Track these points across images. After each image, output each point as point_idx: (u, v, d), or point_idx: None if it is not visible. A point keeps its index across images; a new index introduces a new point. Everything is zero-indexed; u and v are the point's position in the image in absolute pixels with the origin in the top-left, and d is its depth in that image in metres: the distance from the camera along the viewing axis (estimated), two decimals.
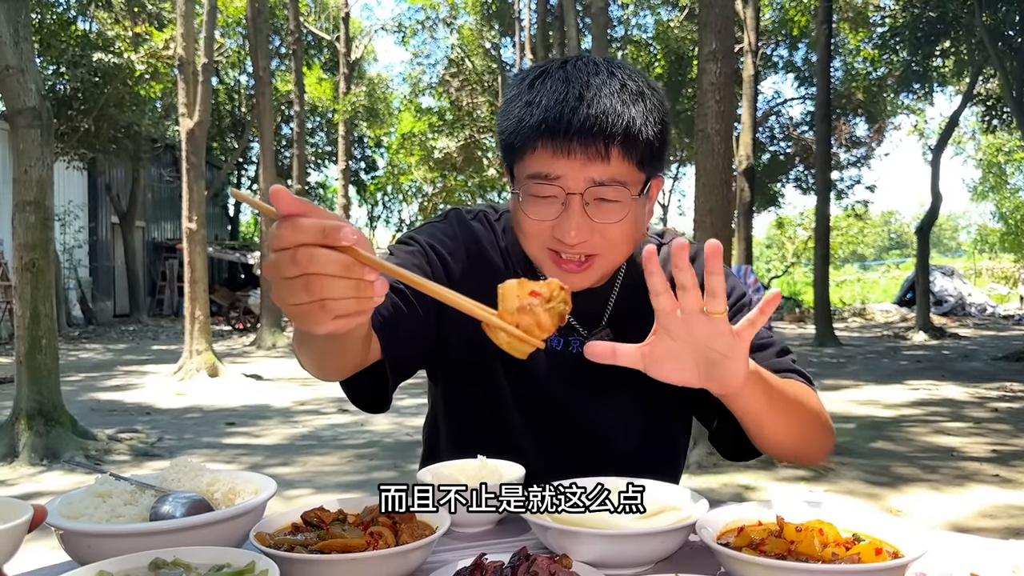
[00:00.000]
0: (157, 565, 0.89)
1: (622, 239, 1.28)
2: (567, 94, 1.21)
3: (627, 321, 1.40)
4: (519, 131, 1.25)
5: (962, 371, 12.13)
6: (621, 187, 1.23)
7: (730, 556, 0.90)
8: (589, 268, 1.29)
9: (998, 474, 6.06)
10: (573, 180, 1.22)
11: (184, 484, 1.10)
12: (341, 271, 0.80)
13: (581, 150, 1.20)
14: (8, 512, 0.92)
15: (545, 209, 1.25)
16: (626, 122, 1.20)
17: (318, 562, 0.91)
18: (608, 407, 1.41)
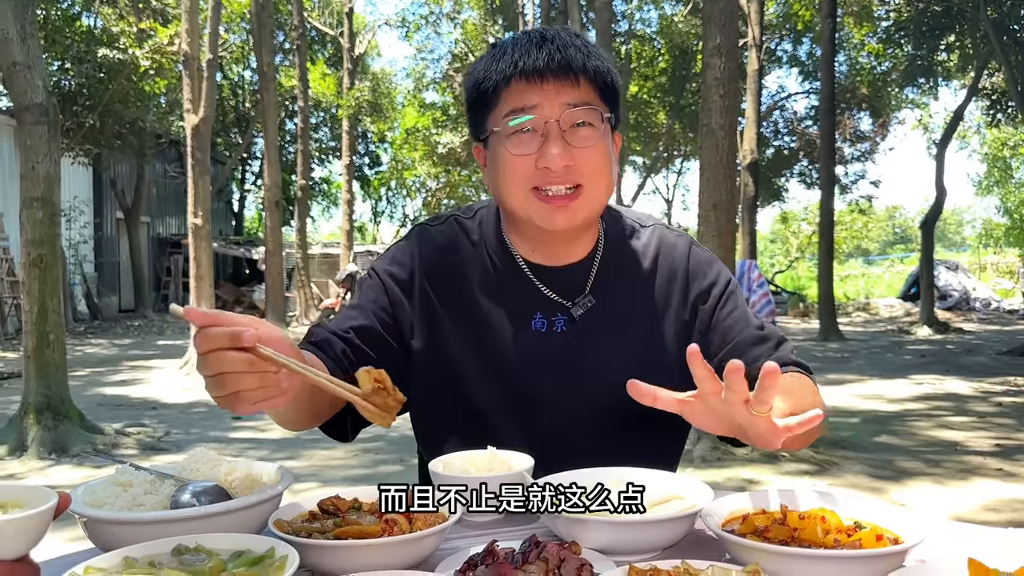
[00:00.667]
0: (180, 551, 0.92)
1: (601, 165, 1.35)
2: (530, 39, 1.34)
3: (609, 291, 1.47)
4: (490, 77, 1.35)
5: (966, 366, 12.13)
6: (593, 109, 1.34)
7: (735, 542, 0.92)
8: (577, 199, 1.34)
9: (1001, 468, 6.08)
10: (549, 107, 1.32)
11: (203, 474, 1.13)
12: (246, 367, 0.96)
13: (553, 77, 1.31)
14: (33, 499, 0.95)
15: (526, 143, 1.33)
16: (585, 53, 1.33)
17: (335, 548, 0.94)
18: (593, 389, 1.44)
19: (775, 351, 1.44)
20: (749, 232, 19.75)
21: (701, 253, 1.54)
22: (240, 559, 0.90)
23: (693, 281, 1.50)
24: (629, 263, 1.50)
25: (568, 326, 1.44)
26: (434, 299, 1.46)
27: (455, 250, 1.50)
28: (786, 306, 24.58)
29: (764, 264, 39.50)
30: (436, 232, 1.53)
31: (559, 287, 1.46)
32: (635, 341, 1.45)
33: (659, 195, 35.99)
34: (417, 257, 1.49)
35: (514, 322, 1.45)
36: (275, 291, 17.12)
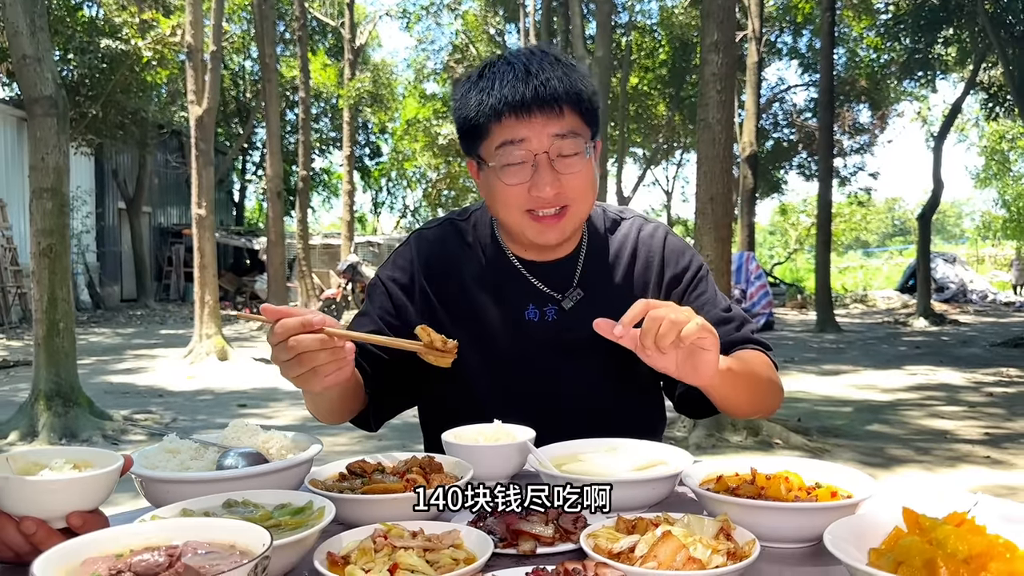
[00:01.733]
0: (230, 504, 1.07)
1: (586, 187, 1.49)
2: (515, 73, 1.44)
3: (595, 282, 1.62)
4: (481, 112, 1.46)
5: (960, 357, 12.29)
6: (578, 137, 1.45)
7: (709, 497, 1.07)
8: (564, 217, 1.49)
9: (989, 456, 6.23)
10: (537, 140, 1.43)
11: (243, 442, 1.28)
12: (320, 345, 1.19)
13: (539, 112, 1.42)
14: (102, 460, 1.09)
15: (518, 173, 1.45)
16: (567, 83, 1.43)
17: (365, 502, 1.09)
18: (583, 369, 1.59)
19: (737, 332, 1.60)
20: (748, 224, 19.89)
21: (675, 241, 1.69)
22: (284, 510, 1.05)
23: (667, 267, 1.65)
24: (612, 254, 1.65)
25: (559, 315, 1.59)
26: (433, 298, 1.62)
27: (451, 251, 1.65)
28: (784, 298, 24.73)
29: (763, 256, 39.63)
30: (432, 236, 1.68)
31: (550, 281, 1.61)
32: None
33: (659, 187, 36.10)
34: (416, 261, 1.65)
35: (509, 313, 1.60)
36: (277, 281, 17.24)
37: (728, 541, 0.96)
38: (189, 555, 0.82)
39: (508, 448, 1.32)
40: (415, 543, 0.95)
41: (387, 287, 1.64)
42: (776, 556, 1.03)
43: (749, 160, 18.98)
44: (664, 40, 25.82)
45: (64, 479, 1.02)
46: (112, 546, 0.85)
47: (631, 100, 26.77)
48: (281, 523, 1.00)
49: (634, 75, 26.54)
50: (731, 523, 1.00)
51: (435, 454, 1.28)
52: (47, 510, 1.01)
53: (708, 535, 0.97)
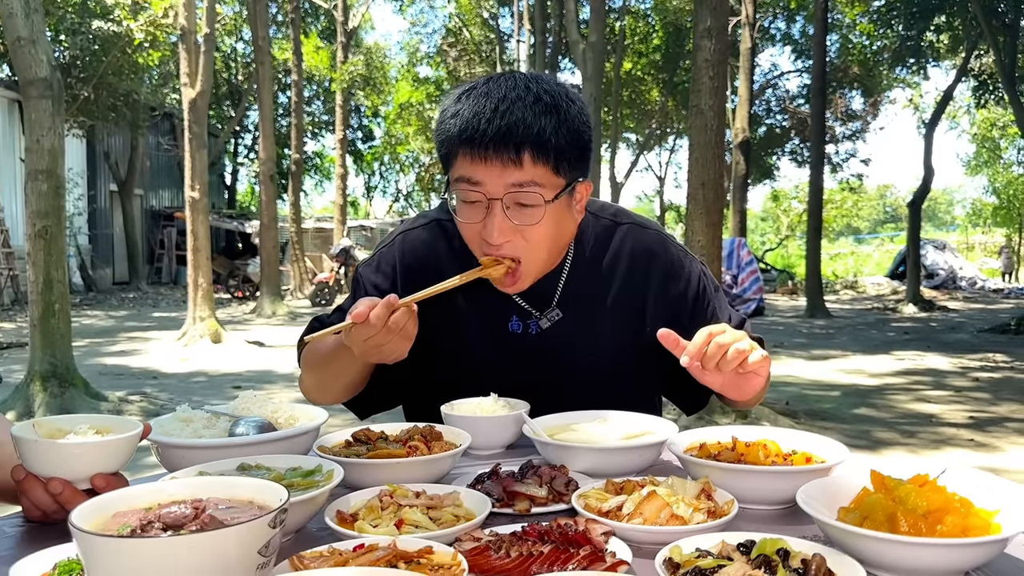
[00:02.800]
0: (244, 468, 1.14)
1: (543, 240, 1.41)
2: (484, 107, 1.34)
3: (575, 301, 1.58)
4: (445, 141, 1.40)
5: (948, 342, 12.43)
6: (536, 191, 1.35)
7: (691, 462, 1.15)
8: (517, 277, 1.44)
9: (973, 439, 6.35)
10: (492, 185, 1.35)
11: (252, 411, 1.34)
12: (407, 317, 1.30)
13: (496, 157, 1.33)
14: (121, 426, 1.16)
15: (473, 212, 1.39)
16: (536, 131, 1.33)
17: (371, 465, 1.16)
18: (567, 386, 1.58)
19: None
20: (739, 210, 19.96)
21: (676, 253, 1.64)
22: (295, 472, 1.12)
23: (670, 283, 1.60)
24: (602, 270, 1.59)
25: (542, 330, 1.58)
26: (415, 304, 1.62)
27: (436, 255, 1.60)
28: (775, 284, 24.87)
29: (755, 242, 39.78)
30: (417, 237, 1.63)
31: (529, 297, 1.56)
32: (604, 347, 1.58)
33: (651, 172, 36.16)
34: (399, 264, 1.61)
35: (492, 324, 1.57)
36: (270, 265, 17.26)
37: (709, 501, 1.04)
38: (211, 509, 0.89)
39: (504, 419, 1.40)
40: (419, 502, 1.02)
41: (368, 292, 1.60)
42: (754, 516, 1.11)
43: (741, 146, 19.04)
44: (658, 25, 25.81)
45: (89, 443, 1.08)
46: (140, 501, 0.92)
47: (624, 85, 26.77)
48: (294, 483, 1.07)
49: (628, 60, 26.54)
50: (712, 485, 1.08)
51: (435, 424, 1.35)
52: (73, 472, 1.08)
53: (690, 495, 1.04)
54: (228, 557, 0.79)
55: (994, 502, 0.95)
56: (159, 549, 0.77)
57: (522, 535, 0.93)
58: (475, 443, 1.33)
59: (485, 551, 0.90)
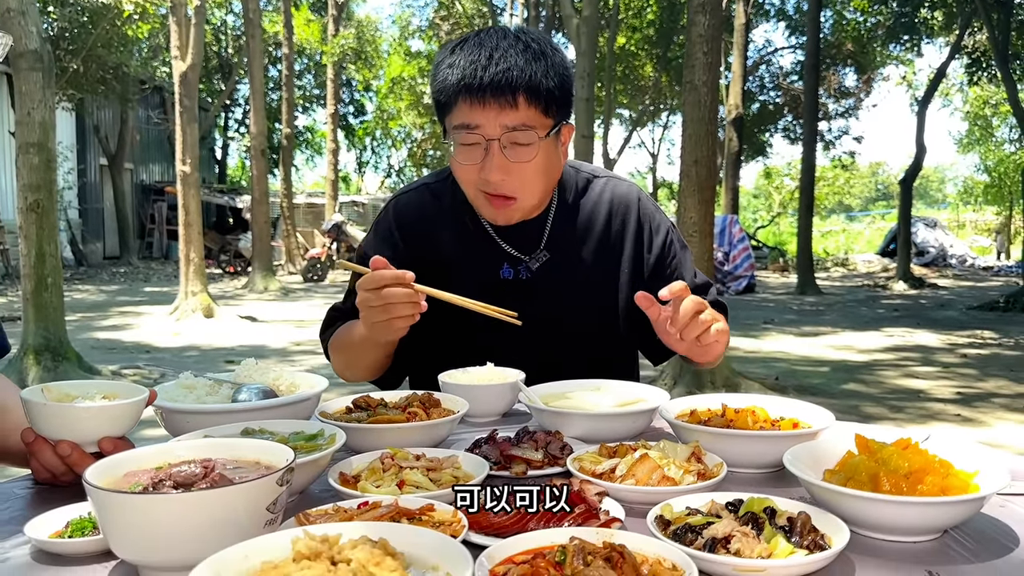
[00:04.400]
0: (248, 432, 1.17)
1: (536, 176, 1.54)
2: (479, 55, 1.47)
3: (561, 245, 1.69)
4: (443, 90, 1.51)
5: (937, 319, 12.53)
6: (530, 130, 1.48)
7: (682, 427, 1.18)
8: (510, 206, 1.56)
9: (960, 414, 6.43)
10: (490, 127, 1.48)
11: (254, 379, 1.38)
12: (407, 298, 1.34)
13: (494, 101, 1.45)
14: (128, 392, 1.18)
15: (471, 154, 1.51)
16: (528, 75, 1.45)
17: (372, 430, 1.20)
18: (557, 326, 1.68)
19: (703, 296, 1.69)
20: (732, 187, 20.00)
21: (649, 203, 1.78)
22: (298, 436, 1.15)
23: (643, 230, 1.74)
24: (583, 215, 1.72)
25: (532, 273, 1.69)
26: (416, 260, 1.66)
27: (427, 214, 1.73)
28: (766, 261, 24.95)
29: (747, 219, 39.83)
30: (408, 200, 1.76)
31: (517, 243, 1.69)
32: (590, 285, 1.71)
33: (644, 149, 36.09)
34: (395, 228, 1.73)
35: (484, 272, 1.68)
36: (262, 240, 17.22)
37: (699, 463, 1.08)
38: (220, 468, 0.93)
39: (501, 387, 1.43)
40: (419, 464, 1.06)
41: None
42: (742, 479, 1.15)
43: (734, 123, 19.04)
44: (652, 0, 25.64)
45: (97, 406, 1.11)
46: (150, 461, 0.95)
47: (618, 60, 26.64)
48: (297, 447, 1.10)
49: (621, 35, 26.37)
50: (702, 449, 1.11)
51: (433, 391, 1.38)
52: (81, 435, 1.11)
53: (681, 458, 1.08)
54: (238, 513, 0.82)
55: (973, 464, 0.99)
56: (171, 505, 0.81)
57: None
58: (472, 410, 1.36)
59: (482, 508, 0.93)
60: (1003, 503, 1.04)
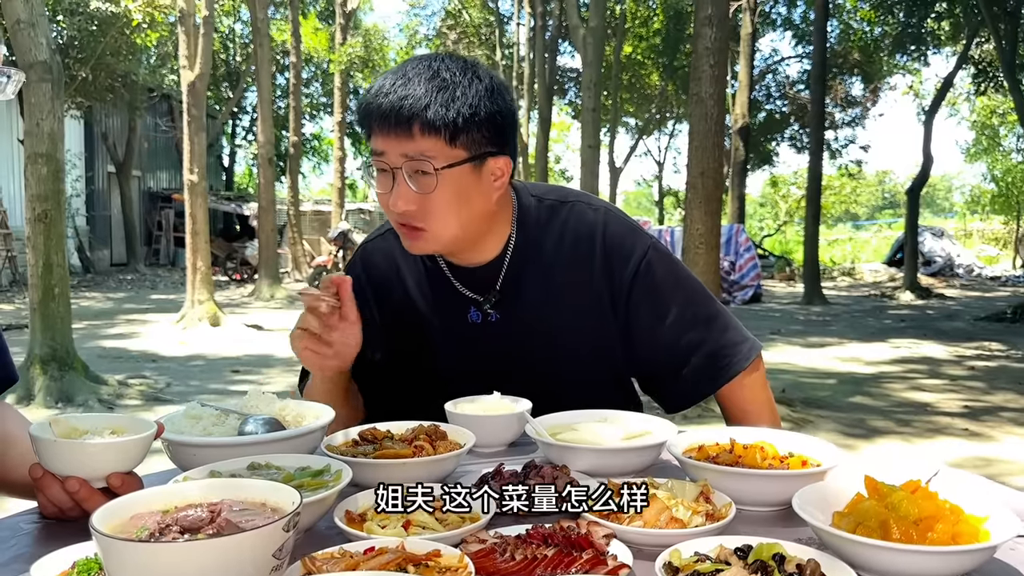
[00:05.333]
0: (254, 467, 1.17)
1: (445, 208, 1.46)
2: (385, 83, 1.46)
3: (517, 284, 1.61)
4: (360, 117, 1.51)
5: (944, 330, 12.48)
6: (427, 161, 1.42)
7: (690, 464, 1.18)
8: (420, 239, 1.51)
9: (967, 428, 6.41)
10: (392, 155, 1.45)
11: (261, 409, 1.37)
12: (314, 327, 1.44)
13: (391, 128, 1.43)
14: (136, 426, 1.18)
15: (384, 182, 1.49)
16: (425, 104, 1.41)
17: (377, 465, 1.19)
18: (534, 368, 1.62)
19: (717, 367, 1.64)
20: (738, 196, 20.00)
21: (618, 226, 1.63)
22: (304, 472, 1.15)
23: (611, 259, 1.61)
24: (545, 249, 1.62)
25: (500, 316, 1.61)
26: (387, 312, 1.68)
27: (394, 263, 1.69)
28: (772, 270, 24.91)
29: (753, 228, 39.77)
30: (375, 250, 1.73)
31: (471, 284, 1.62)
32: (553, 325, 1.62)
33: (651, 157, 36.12)
34: (364, 281, 1.68)
35: (452, 317, 1.63)
36: (268, 248, 17.27)
37: (707, 503, 1.07)
38: (226, 511, 0.92)
39: (507, 418, 1.42)
40: None
41: None
42: (751, 518, 1.14)
43: (741, 132, 19.04)
44: (659, 9, 25.69)
45: (106, 443, 1.11)
46: (157, 503, 0.95)
47: (624, 69, 26.69)
48: (303, 484, 1.10)
49: (628, 44, 26.44)
50: (710, 487, 1.11)
51: (439, 423, 1.38)
52: (89, 471, 1.11)
53: (689, 498, 1.07)
54: (243, 561, 0.82)
55: (984, 508, 0.98)
56: (176, 554, 0.80)
57: (526, 538, 0.96)
58: (479, 441, 1.36)
59: (490, 553, 0.93)
60: (1013, 546, 1.03)
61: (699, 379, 1.63)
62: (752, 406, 1.67)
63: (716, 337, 1.63)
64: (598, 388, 1.65)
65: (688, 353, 1.62)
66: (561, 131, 41.16)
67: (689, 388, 1.66)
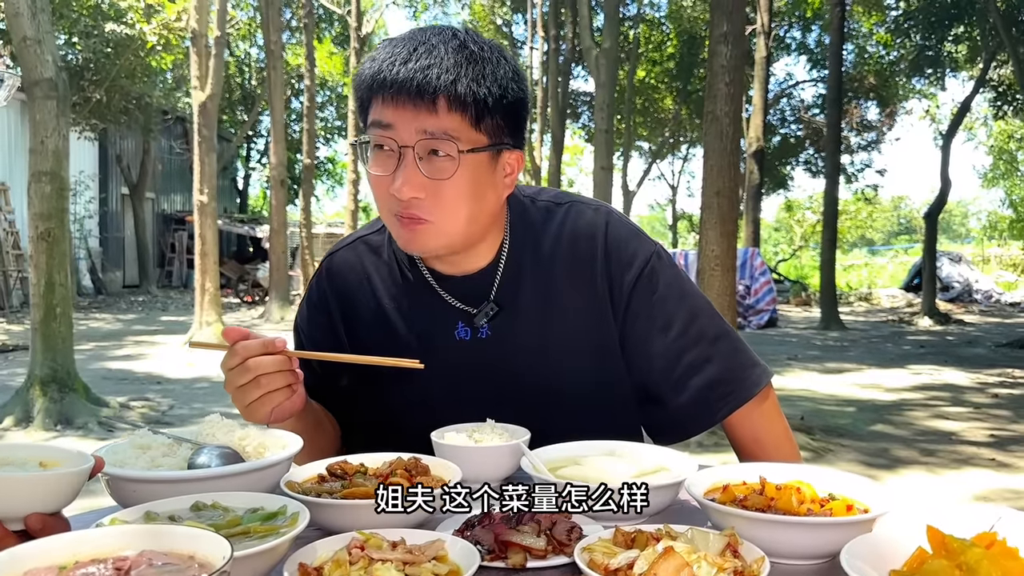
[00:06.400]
0: (198, 507, 0.99)
1: (457, 199, 1.28)
2: (402, 49, 1.26)
3: (512, 296, 1.42)
4: (361, 84, 1.30)
5: (965, 357, 12.19)
6: (450, 141, 1.24)
7: (715, 509, 0.99)
8: (420, 232, 1.30)
9: (995, 458, 6.15)
10: (404, 131, 1.24)
11: (218, 438, 1.20)
12: (278, 367, 1.24)
13: (410, 100, 1.22)
14: (71, 460, 1.01)
15: (384, 162, 1.28)
16: (454, 77, 1.22)
17: (342, 507, 1.01)
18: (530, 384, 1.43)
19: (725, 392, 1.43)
20: (753, 220, 19.76)
21: (620, 228, 1.46)
22: (255, 515, 0.97)
23: (611, 262, 1.43)
24: (541, 256, 1.44)
25: (491, 331, 1.42)
26: (355, 328, 1.49)
27: (363, 273, 1.49)
28: (788, 294, 24.64)
29: (768, 252, 39.52)
30: (342, 259, 1.53)
31: (465, 296, 1.42)
32: (553, 339, 1.43)
33: (664, 181, 36.01)
34: (329, 293, 1.51)
35: (435, 334, 1.43)
36: (279, 269, 17.18)
37: (735, 558, 0.89)
38: (143, 566, 0.75)
39: (498, 450, 1.24)
40: (394, 555, 0.87)
41: (308, 333, 1.54)
42: (786, 573, 0.95)
43: (755, 155, 18.85)
44: (672, 33, 25.66)
45: (24, 477, 0.94)
46: (60, 555, 0.78)
47: (638, 93, 26.63)
48: (250, 530, 0.92)
49: (641, 68, 26.40)
50: (738, 538, 0.92)
51: (421, 455, 1.20)
52: (4, 509, 0.93)
53: (713, 551, 0.89)
54: None
55: None
56: None
57: None
58: (467, 476, 1.18)
59: None
60: None
61: (700, 406, 1.41)
62: (768, 436, 1.46)
63: (723, 359, 1.42)
64: (603, 413, 1.45)
65: (689, 374, 1.41)
66: (574, 154, 41.13)
67: (687, 416, 1.43)
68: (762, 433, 1.45)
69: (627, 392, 1.48)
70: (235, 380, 1.22)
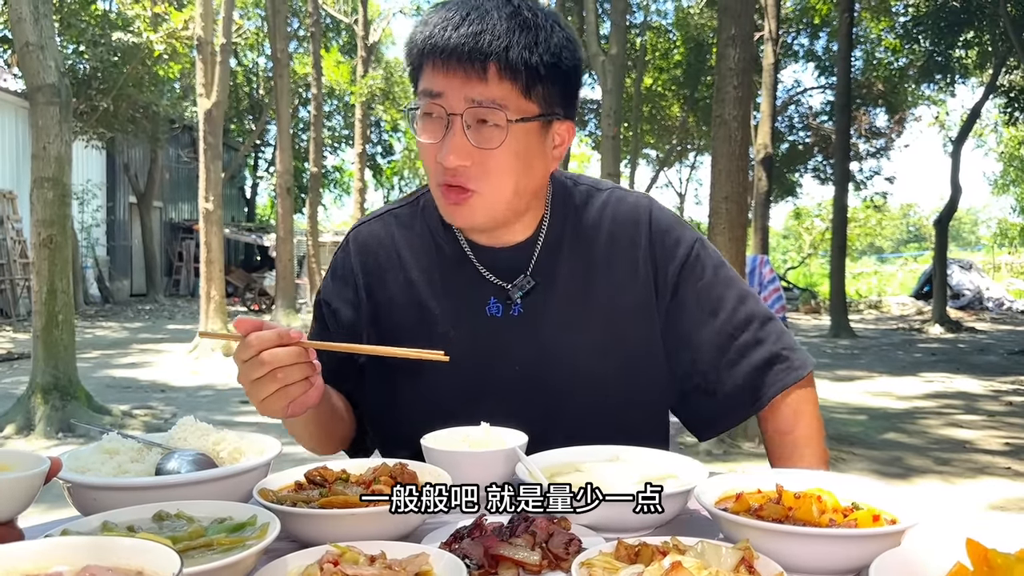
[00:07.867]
0: (161, 517, 0.91)
1: (504, 169, 1.25)
2: (454, 15, 1.22)
3: (555, 271, 1.38)
4: (411, 51, 1.27)
5: (977, 365, 12.04)
6: (501, 110, 1.21)
7: (727, 520, 0.90)
8: (466, 203, 1.27)
9: (1010, 467, 6.03)
10: (453, 99, 1.22)
11: (190, 443, 1.12)
12: (296, 359, 1.13)
13: (459, 67, 1.20)
14: (25, 463, 0.93)
15: (433, 129, 1.25)
16: (506, 44, 1.19)
17: (318, 517, 0.92)
18: (557, 372, 1.36)
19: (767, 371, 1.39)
20: (761, 228, 19.63)
21: (663, 216, 1.44)
22: (221, 525, 0.88)
23: (656, 249, 1.41)
24: (581, 236, 1.41)
25: (524, 309, 1.37)
26: (381, 300, 1.42)
27: (392, 246, 1.44)
28: (797, 302, 24.49)
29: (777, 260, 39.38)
30: (368, 231, 1.48)
31: (501, 269, 1.38)
32: (589, 322, 1.38)
33: (672, 189, 35.90)
34: (356, 267, 1.46)
35: (467, 310, 1.38)
36: (286, 278, 17.15)
37: (750, 574, 0.80)
38: None
39: (492, 455, 1.14)
40: (371, 571, 0.79)
41: (332, 306, 1.47)
42: None
43: (764, 162, 18.73)
44: (679, 41, 25.58)
45: None
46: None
47: (645, 101, 26.57)
48: (214, 542, 0.84)
49: (648, 75, 26.34)
50: (753, 551, 0.83)
51: (408, 461, 1.11)
52: None
53: (727, 567, 0.80)
54: None
55: None
56: None
57: None
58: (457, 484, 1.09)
59: None
60: None
61: (749, 391, 1.37)
62: (804, 429, 1.39)
63: (773, 340, 1.39)
64: (630, 405, 1.39)
65: (741, 355, 1.37)
66: (581, 162, 41.07)
67: (736, 402, 1.39)
68: (805, 416, 1.40)
69: (659, 385, 1.42)
70: (249, 373, 1.13)
